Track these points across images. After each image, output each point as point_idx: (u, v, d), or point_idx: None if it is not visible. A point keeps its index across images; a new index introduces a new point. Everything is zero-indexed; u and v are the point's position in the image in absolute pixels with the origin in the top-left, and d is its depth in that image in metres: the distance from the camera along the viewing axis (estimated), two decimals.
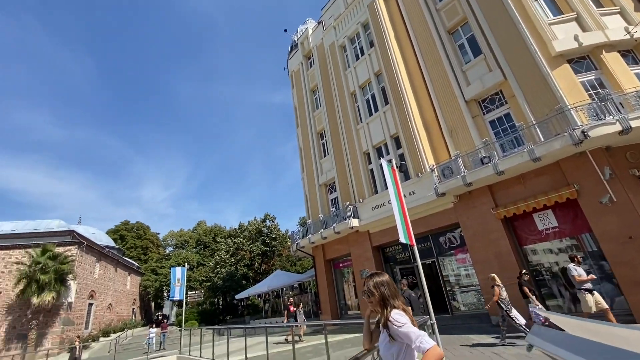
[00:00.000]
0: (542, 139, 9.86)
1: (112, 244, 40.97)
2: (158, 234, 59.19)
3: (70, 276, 24.95)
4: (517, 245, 10.95)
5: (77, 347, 15.22)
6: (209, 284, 38.15)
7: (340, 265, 18.35)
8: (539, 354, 6.35)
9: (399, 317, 2.14)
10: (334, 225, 16.32)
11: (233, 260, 37.34)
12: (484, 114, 12.81)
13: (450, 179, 11.82)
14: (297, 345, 7.87)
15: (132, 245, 51.12)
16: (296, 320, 13.02)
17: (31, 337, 23.14)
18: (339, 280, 18.43)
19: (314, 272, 19.77)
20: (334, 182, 19.23)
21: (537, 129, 10.21)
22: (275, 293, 30.24)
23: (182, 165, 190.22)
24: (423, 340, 1.96)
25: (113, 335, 27.19)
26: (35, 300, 22.56)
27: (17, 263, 24.12)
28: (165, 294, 45.64)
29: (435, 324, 5.38)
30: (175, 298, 16.19)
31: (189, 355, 12.90)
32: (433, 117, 14.22)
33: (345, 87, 18.79)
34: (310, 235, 18.20)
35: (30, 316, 23.49)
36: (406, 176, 14.26)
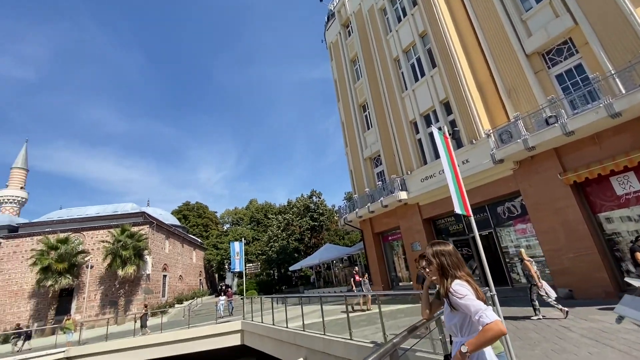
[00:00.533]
0: (623, 91, 8.50)
1: (177, 223, 45.34)
2: (215, 212, 63.95)
3: (146, 252, 28.33)
4: (589, 213, 9.88)
5: (147, 313, 17.46)
6: (264, 257, 40.81)
7: (390, 238, 18.29)
8: (617, 327, 5.83)
9: (459, 288, 2.08)
10: (381, 199, 16.14)
11: (284, 235, 39.24)
12: (548, 67, 11.33)
13: (509, 143, 10.85)
14: (351, 314, 8.16)
15: (194, 224, 56.06)
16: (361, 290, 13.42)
17: (120, 304, 27.11)
18: (388, 253, 18.46)
19: (363, 245, 20.00)
20: (379, 155, 18.81)
21: (617, 80, 8.79)
22: (325, 265, 31.43)
23: (231, 148, 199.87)
24: (483, 314, 1.87)
25: (185, 303, 30.73)
26: (120, 272, 26.17)
27: (103, 241, 27.95)
28: (226, 266, 49.91)
29: (496, 296, 5.17)
30: (235, 270, 17.63)
31: (252, 320, 14.12)
32: (487, 77, 12.95)
33: (387, 54, 17.81)
34: (357, 210, 18.28)
35: (118, 286, 27.41)
36: (458, 144, 13.41)
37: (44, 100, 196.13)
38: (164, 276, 33.40)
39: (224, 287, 48.00)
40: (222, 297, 17.15)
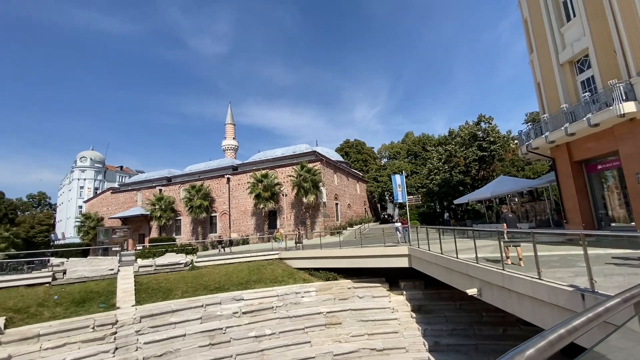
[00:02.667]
0: None
1: (340, 159, 50.33)
2: (372, 148, 66.61)
3: (320, 183, 33.38)
4: None
5: (300, 233, 20.98)
6: (424, 189, 40.31)
7: (599, 167, 13.95)
8: None
9: None
10: (589, 115, 12.09)
11: (446, 167, 36.84)
12: None
13: None
14: (539, 253, 7.06)
15: (355, 159, 60.74)
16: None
17: (308, 223, 33.90)
18: (595, 186, 14.32)
19: (555, 176, 16.23)
20: (586, 56, 13.71)
21: None
22: (498, 200, 27.98)
23: (383, 82, 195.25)
24: None
25: (355, 227, 35.21)
26: (304, 200, 32.24)
27: (289, 176, 34.69)
28: (387, 198, 52.76)
29: None
30: (398, 200, 18.30)
31: (418, 247, 14.71)
32: None
33: None
34: (547, 134, 14.59)
35: (304, 210, 34.09)
36: None
37: (235, 67, 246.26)
38: (336, 204, 38.95)
39: (386, 217, 51.55)
40: (398, 224, 18.41)
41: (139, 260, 19.06)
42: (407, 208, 19.74)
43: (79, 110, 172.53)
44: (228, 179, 39.67)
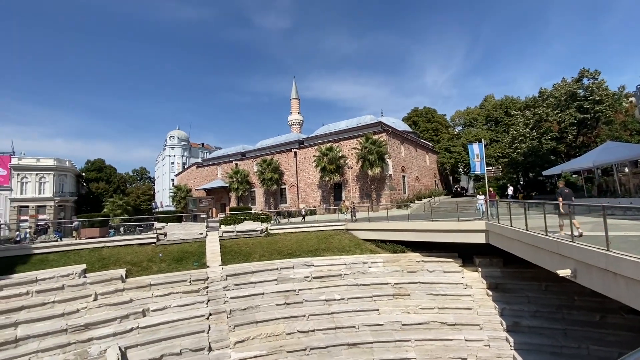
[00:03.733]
0: None
1: (408, 129, 47.79)
2: (444, 115, 61.52)
3: (386, 155, 32.42)
4: None
5: (354, 207, 20.38)
6: (506, 160, 36.19)
7: None
8: None
9: None
10: None
11: (535, 134, 32.18)
12: None
13: None
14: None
15: (424, 129, 57.11)
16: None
17: (373, 196, 33.61)
18: None
19: None
20: None
21: None
22: (600, 170, 23.72)
23: (457, 42, 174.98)
24: None
25: (424, 200, 33.74)
26: (369, 172, 31.83)
27: (354, 148, 34.36)
28: (460, 169, 48.93)
29: None
30: (476, 172, 16.79)
31: (498, 223, 13.48)
32: None
33: None
34: None
35: (369, 183, 33.76)
36: None
37: (298, 39, 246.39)
38: (403, 176, 37.62)
39: (459, 190, 48.15)
40: (481, 197, 17.07)
41: (222, 226, 21.42)
42: (486, 180, 17.90)
43: (166, 94, 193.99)
44: (295, 153, 41.13)
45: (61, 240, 17.72)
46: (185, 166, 68.02)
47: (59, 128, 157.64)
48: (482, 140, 20.05)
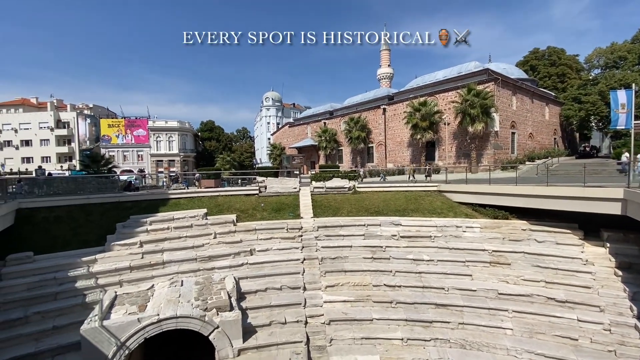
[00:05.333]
0: None
1: (523, 76, 40.07)
2: (576, 56, 49.12)
3: (492, 109, 28.22)
4: None
5: (431, 168, 17.79)
6: None
7: None
8: None
9: None
10: None
11: None
12: None
13: None
14: None
15: (544, 75, 47.09)
16: None
17: (472, 156, 30.30)
18: None
19: None
20: None
21: None
22: None
23: None
24: None
25: (538, 161, 28.89)
26: (470, 129, 28.44)
27: (452, 102, 30.82)
28: (592, 124, 39.57)
29: None
30: (618, 127, 13.22)
31: None
32: None
33: None
34: None
35: (469, 141, 30.33)
36: None
37: None
38: (512, 133, 32.52)
39: (587, 149, 39.40)
40: (626, 155, 13.72)
41: (313, 182, 22.70)
42: (632, 137, 13.86)
43: (261, 55, 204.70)
44: (384, 109, 39.36)
45: (187, 189, 21.55)
46: (279, 126, 72.75)
47: (179, 94, 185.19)
48: (633, 85, 15.37)
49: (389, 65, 68.86)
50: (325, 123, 48.70)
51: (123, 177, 24.65)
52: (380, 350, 11.51)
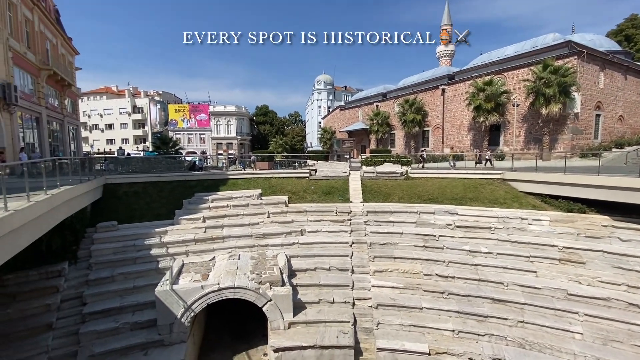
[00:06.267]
0: None
1: (616, 47, 34.14)
2: None
3: (573, 88, 24.71)
4: None
5: (492, 154, 15.51)
6: None
7: None
8: None
9: None
10: None
11: None
12: None
13: None
14: None
15: None
16: None
17: (545, 141, 27.12)
18: None
19: None
20: None
21: None
22: None
23: None
24: None
25: (629, 148, 24.82)
26: (543, 110, 25.36)
27: (524, 80, 27.61)
28: None
29: None
30: None
31: None
32: None
33: None
34: None
35: (541, 124, 27.13)
36: None
37: None
38: (597, 115, 28.23)
39: None
40: None
41: (363, 167, 22.40)
42: None
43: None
44: (443, 90, 36.79)
45: (244, 170, 22.79)
46: (330, 109, 72.46)
47: (237, 80, 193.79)
48: None
49: (450, 42, 63.67)
50: (377, 106, 47.26)
51: (188, 158, 26.88)
52: (429, 340, 11.25)
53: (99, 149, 60.96)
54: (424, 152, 23.43)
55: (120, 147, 56.46)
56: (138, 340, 10.50)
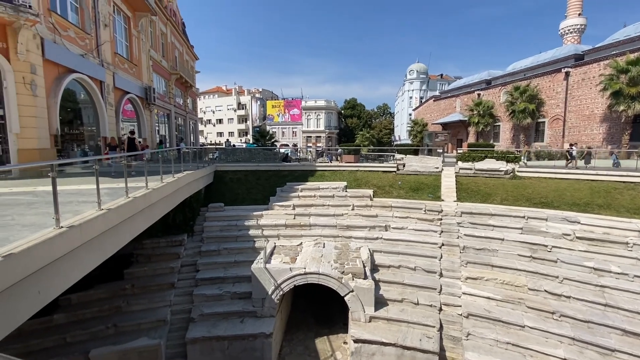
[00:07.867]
0: None
1: None
2: None
3: None
4: None
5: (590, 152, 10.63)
6: None
7: None
8: None
9: None
10: None
11: None
12: None
13: None
14: None
15: None
16: None
17: None
18: None
19: None
20: None
21: None
22: None
23: None
24: None
25: None
26: None
27: None
28: None
29: None
30: None
31: None
32: None
33: None
34: None
35: None
36: None
37: None
38: None
39: None
40: None
41: (459, 162, 20.48)
42: None
43: (405, 26, 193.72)
44: (567, 73, 30.60)
45: (330, 162, 23.40)
46: (423, 100, 68.24)
47: (327, 75, 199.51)
48: None
49: (579, 15, 52.38)
50: (479, 94, 42.30)
51: (282, 150, 29.03)
52: None
53: (211, 141, 70.97)
54: (573, 149, 18.29)
55: (228, 140, 64.51)
56: (236, 308, 11.97)
